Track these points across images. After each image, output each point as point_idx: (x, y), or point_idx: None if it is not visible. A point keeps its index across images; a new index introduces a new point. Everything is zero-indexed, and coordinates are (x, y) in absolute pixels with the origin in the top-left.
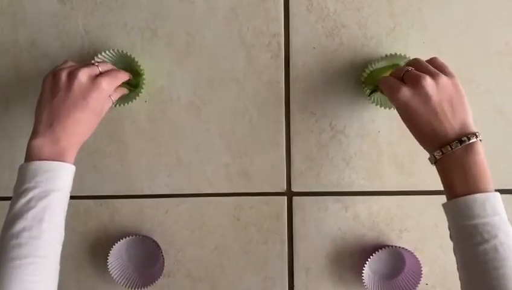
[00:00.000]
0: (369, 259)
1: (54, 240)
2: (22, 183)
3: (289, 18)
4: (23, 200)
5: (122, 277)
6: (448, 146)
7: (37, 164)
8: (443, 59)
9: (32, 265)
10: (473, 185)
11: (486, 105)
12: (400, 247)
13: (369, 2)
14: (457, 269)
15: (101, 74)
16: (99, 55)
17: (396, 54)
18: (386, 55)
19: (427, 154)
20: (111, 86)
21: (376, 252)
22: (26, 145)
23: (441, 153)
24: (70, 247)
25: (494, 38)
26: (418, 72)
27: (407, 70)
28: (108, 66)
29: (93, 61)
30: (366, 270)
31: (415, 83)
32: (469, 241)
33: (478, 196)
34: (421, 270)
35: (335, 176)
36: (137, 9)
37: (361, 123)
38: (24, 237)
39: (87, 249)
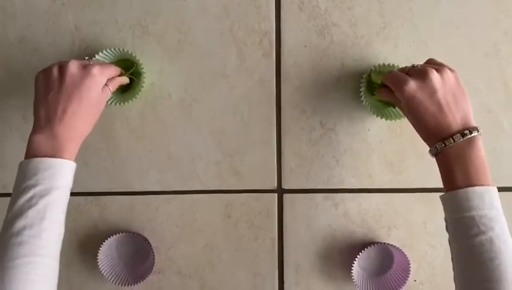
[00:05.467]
0: (358, 256)
1: (53, 238)
2: (22, 180)
3: (280, 16)
4: (24, 198)
5: (112, 274)
6: (451, 138)
7: (37, 161)
8: None
9: (32, 264)
10: (473, 177)
11: (475, 104)
12: (388, 244)
13: (360, 1)
14: (452, 259)
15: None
16: (100, 53)
17: (392, 64)
18: (385, 64)
19: (416, 153)
20: (102, 74)
21: (365, 249)
22: (15, 142)
23: (443, 145)
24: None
25: (482, 39)
26: (424, 67)
27: (413, 66)
28: (99, 61)
29: (85, 58)
30: (356, 267)
31: (422, 76)
32: (466, 232)
33: (477, 188)
34: (410, 267)
35: (325, 174)
36: (128, 6)
37: (352, 121)
38: (25, 235)
39: (77, 246)
